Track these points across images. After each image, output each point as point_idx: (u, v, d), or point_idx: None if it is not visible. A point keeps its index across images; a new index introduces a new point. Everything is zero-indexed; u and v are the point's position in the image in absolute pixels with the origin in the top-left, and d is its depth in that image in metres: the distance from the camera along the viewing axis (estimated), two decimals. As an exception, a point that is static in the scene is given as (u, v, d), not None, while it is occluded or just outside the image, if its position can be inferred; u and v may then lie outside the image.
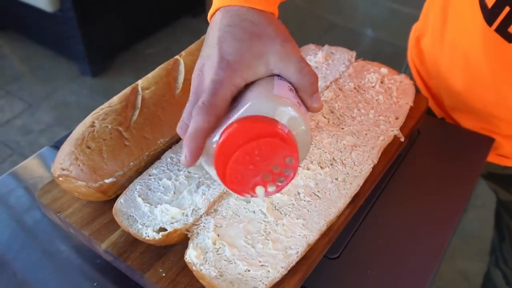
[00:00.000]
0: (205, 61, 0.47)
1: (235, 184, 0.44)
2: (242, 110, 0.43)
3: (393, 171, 0.72)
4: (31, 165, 0.76)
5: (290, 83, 0.48)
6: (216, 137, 0.44)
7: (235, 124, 0.42)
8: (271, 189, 0.45)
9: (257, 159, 0.42)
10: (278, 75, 0.48)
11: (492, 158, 0.83)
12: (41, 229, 0.66)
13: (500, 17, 0.65)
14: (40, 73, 2.49)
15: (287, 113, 0.44)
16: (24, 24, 2.57)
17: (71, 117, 2.23)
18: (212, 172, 0.46)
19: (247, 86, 0.47)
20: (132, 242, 0.56)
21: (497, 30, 0.67)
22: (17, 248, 0.64)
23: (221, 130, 0.43)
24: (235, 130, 0.42)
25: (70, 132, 0.62)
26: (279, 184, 0.45)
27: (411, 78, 0.92)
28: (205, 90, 0.45)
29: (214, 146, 0.43)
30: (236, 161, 0.42)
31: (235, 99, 0.46)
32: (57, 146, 0.76)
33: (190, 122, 0.44)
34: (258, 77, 0.47)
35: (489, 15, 0.67)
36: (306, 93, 0.48)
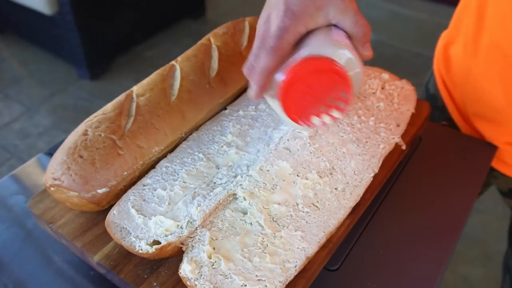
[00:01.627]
0: (271, 10, 0.52)
1: (295, 113, 0.50)
2: (305, 51, 0.49)
3: (394, 179, 0.70)
4: (32, 169, 0.75)
5: (346, 32, 0.53)
6: (281, 74, 0.50)
7: (298, 61, 0.49)
8: (326, 119, 0.51)
9: (316, 91, 0.49)
10: (335, 25, 0.53)
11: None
12: (40, 233, 0.64)
13: None
14: (39, 76, 2.48)
15: (344, 55, 0.50)
16: (22, 27, 2.56)
17: (70, 120, 2.22)
18: (275, 104, 0.53)
19: (308, 33, 0.52)
20: (126, 255, 0.54)
21: None
22: (15, 251, 0.63)
23: (286, 68, 0.49)
24: (299, 66, 0.48)
25: (66, 138, 0.61)
26: (334, 115, 0.51)
27: (435, 87, 0.90)
28: (272, 35, 0.50)
29: (280, 80, 0.49)
30: (298, 93, 0.49)
31: (297, 45, 0.52)
32: (51, 153, 0.74)
33: (256, 63, 0.51)
34: (318, 26, 0.52)
35: None
36: (359, 42, 0.53)
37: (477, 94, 0.79)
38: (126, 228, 0.53)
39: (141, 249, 0.50)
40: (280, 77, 0.49)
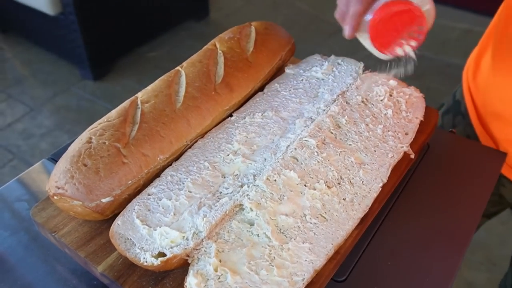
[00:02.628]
0: None
1: (382, 45, 0.63)
2: None
3: (402, 187, 0.69)
4: (36, 174, 0.74)
5: None
6: (370, 15, 0.62)
7: (382, 4, 0.61)
8: (407, 49, 0.63)
9: (398, 26, 0.62)
10: None
11: None
12: (43, 240, 0.64)
13: None
14: (42, 76, 2.47)
15: None
16: (26, 28, 2.55)
17: (73, 121, 2.21)
18: (365, 41, 0.65)
19: None
20: (130, 265, 0.54)
21: None
22: (18, 259, 0.62)
23: (373, 10, 0.61)
24: (383, 7, 0.61)
25: (70, 143, 0.60)
26: (413, 45, 0.63)
27: (461, 94, 0.91)
28: None
29: (369, 20, 0.62)
30: (384, 29, 0.61)
31: None
32: (55, 159, 0.74)
33: (346, 8, 0.63)
34: None
35: None
36: None
37: (497, 97, 0.79)
38: (130, 239, 0.52)
39: (146, 261, 0.49)
40: (368, 17, 0.62)
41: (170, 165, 0.60)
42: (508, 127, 0.79)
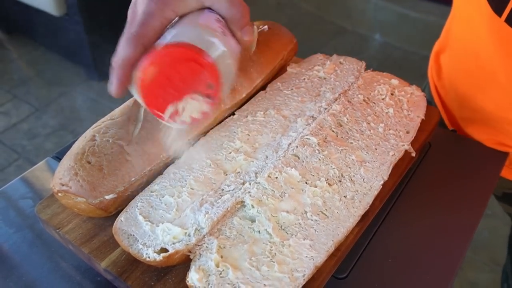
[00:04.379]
0: None
1: (160, 109, 0.45)
2: (166, 38, 0.45)
3: (403, 186, 0.69)
4: (40, 172, 0.75)
5: (221, 16, 0.49)
6: (141, 64, 0.44)
7: (158, 49, 0.44)
8: (194, 114, 0.47)
9: (178, 83, 0.44)
10: (210, 8, 0.49)
11: (506, 173, 0.80)
12: (48, 237, 0.64)
13: (510, 5, 0.61)
14: (47, 77, 2.49)
15: (209, 41, 0.45)
16: (31, 28, 2.57)
17: (77, 121, 2.23)
18: (139, 98, 0.46)
19: (181, 18, 0.48)
20: (133, 261, 0.54)
21: (507, 20, 0.62)
22: (23, 256, 0.63)
23: (142, 59, 0.44)
24: (154, 55, 0.43)
25: (74, 141, 0.61)
26: (204, 109, 0.47)
27: (430, 93, 0.91)
28: (136, 21, 0.46)
29: (137, 74, 0.44)
30: (158, 85, 0.44)
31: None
32: (59, 157, 0.74)
33: (117, 53, 0.46)
34: (190, 10, 0.48)
35: (497, 4, 0.63)
36: (236, 25, 0.49)
37: (465, 99, 0.79)
38: (133, 235, 0.52)
39: (149, 257, 0.50)
40: (139, 66, 0.44)
41: (173, 162, 0.60)
42: (485, 128, 0.79)
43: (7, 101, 2.33)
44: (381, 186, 0.59)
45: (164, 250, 0.51)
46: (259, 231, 0.52)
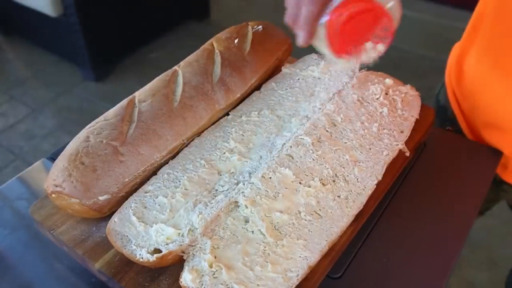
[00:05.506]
0: None
1: (342, 50, 0.55)
2: None
3: (398, 186, 0.69)
4: (36, 173, 0.75)
5: None
6: (326, 16, 0.53)
7: (340, 3, 0.53)
8: (373, 53, 0.56)
9: (360, 29, 0.54)
10: None
11: None
12: (42, 238, 0.64)
13: None
14: (44, 77, 2.48)
15: None
16: (27, 29, 2.57)
17: (75, 122, 2.22)
18: (324, 48, 0.56)
19: None
20: (127, 262, 0.54)
21: None
22: (17, 257, 0.63)
23: (329, 11, 0.53)
24: (341, 7, 0.52)
25: (70, 141, 0.61)
26: (380, 49, 0.56)
27: (446, 98, 0.88)
28: None
29: (325, 20, 0.53)
30: (344, 32, 0.53)
31: None
32: (54, 158, 0.74)
33: (298, 11, 0.53)
34: None
35: None
36: None
37: (489, 103, 0.76)
38: (127, 236, 0.52)
39: (142, 258, 0.50)
40: (324, 19, 0.53)
41: (167, 163, 0.60)
42: (506, 136, 0.76)
43: (4, 102, 2.32)
44: (375, 186, 0.59)
45: (157, 250, 0.51)
46: (252, 231, 0.52)
